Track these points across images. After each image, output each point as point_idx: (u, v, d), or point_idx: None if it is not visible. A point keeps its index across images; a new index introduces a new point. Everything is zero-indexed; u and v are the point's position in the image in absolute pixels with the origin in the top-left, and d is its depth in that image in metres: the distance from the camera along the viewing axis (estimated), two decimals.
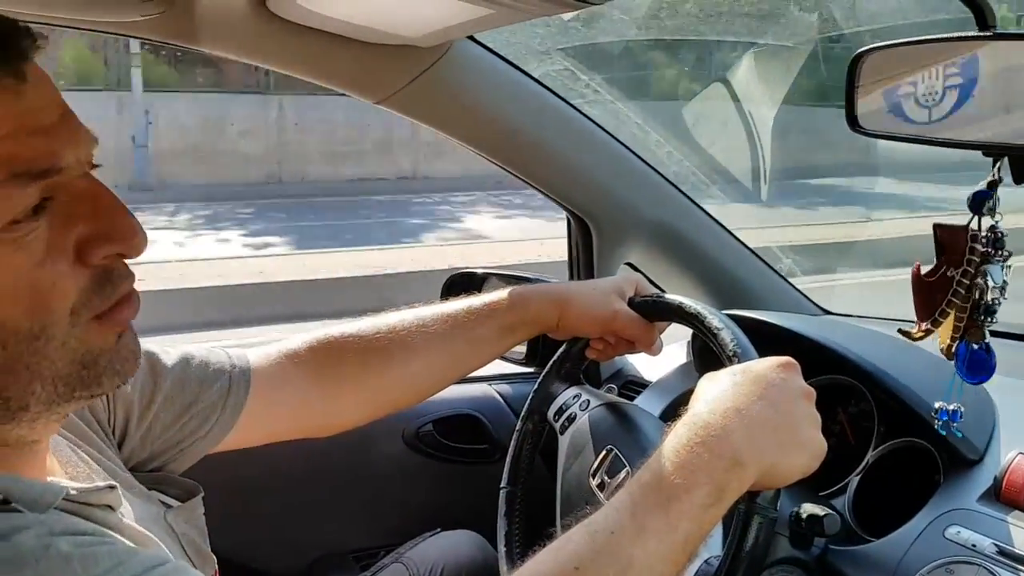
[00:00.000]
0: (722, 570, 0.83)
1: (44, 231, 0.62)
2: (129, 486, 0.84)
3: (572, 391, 1.17)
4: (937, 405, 0.89)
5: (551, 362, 1.20)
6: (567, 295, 1.14)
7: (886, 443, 1.10)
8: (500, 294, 1.14)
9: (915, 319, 0.87)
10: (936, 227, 0.83)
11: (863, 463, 1.10)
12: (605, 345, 1.17)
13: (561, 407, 1.16)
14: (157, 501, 0.88)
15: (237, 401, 0.99)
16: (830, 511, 0.93)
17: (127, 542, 0.66)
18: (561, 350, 1.20)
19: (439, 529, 1.43)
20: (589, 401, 1.14)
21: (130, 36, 1.26)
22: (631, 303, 1.13)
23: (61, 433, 0.80)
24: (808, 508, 0.94)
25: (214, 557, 0.91)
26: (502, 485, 1.18)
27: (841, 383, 1.17)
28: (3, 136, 0.59)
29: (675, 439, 0.80)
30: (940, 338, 0.85)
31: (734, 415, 0.80)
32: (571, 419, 1.13)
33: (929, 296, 0.84)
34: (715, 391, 0.83)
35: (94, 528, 0.65)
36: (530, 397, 1.20)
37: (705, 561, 0.90)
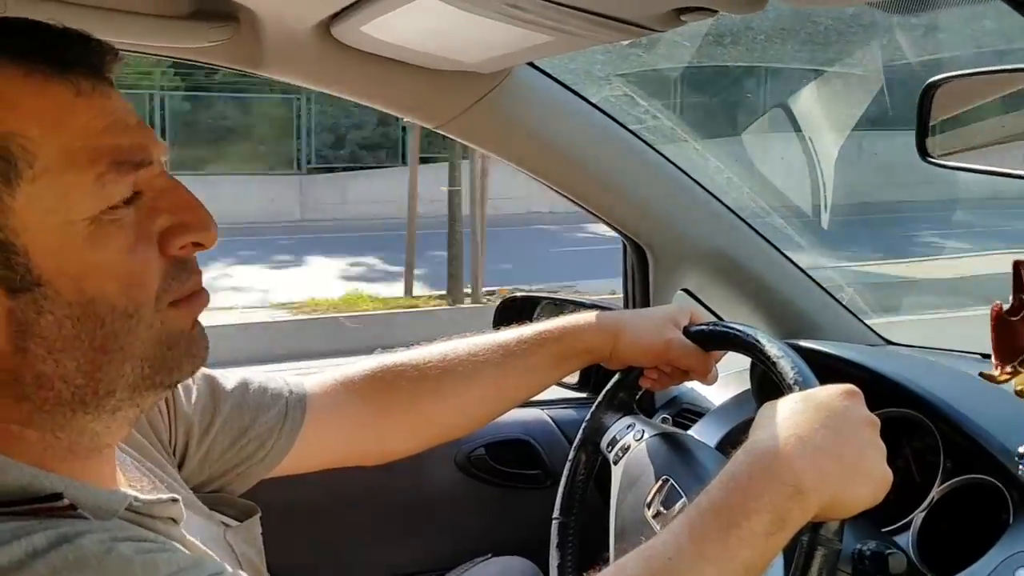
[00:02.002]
0: None
1: (133, 219, 0.68)
2: (190, 504, 0.86)
3: (625, 421, 1.15)
4: (1022, 449, 0.86)
5: (604, 392, 1.19)
6: (620, 324, 1.13)
7: (952, 479, 1.06)
8: (552, 323, 1.14)
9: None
10: (1019, 263, 0.80)
11: (928, 499, 1.07)
12: (659, 374, 1.15)
13: (614, 437, 1.14)
14: (218, 521, 0.89)
15: (293, 427, 1.01)
16: (895, 549, 0.90)
17: (187, 552, 0.68)
18: (614, 379, 1.18)
19: (490, 554, 1.42)
20: (643, 431, 1.12)
21: (198, 61, 1.30)
22: (686, 332, 1.11)
23: (124, 449, 0.82)
24: (872, 545, 0.91)
25: None
26: (555, 516, 1.17)
27: (905, 416, 1.14)
28: (104, 128, 0.66)
29: (735, 465, 0.78)
30: (1019, 379, 0.82)
31: (796, 442, 0.77)
32: (625, 449, 1.11)
33: (1012, 335, 0.81)
34: (776, 418, 0.81)
35: (155, 536, 0.67)
36: (582, 427, 1.18)
37: None
